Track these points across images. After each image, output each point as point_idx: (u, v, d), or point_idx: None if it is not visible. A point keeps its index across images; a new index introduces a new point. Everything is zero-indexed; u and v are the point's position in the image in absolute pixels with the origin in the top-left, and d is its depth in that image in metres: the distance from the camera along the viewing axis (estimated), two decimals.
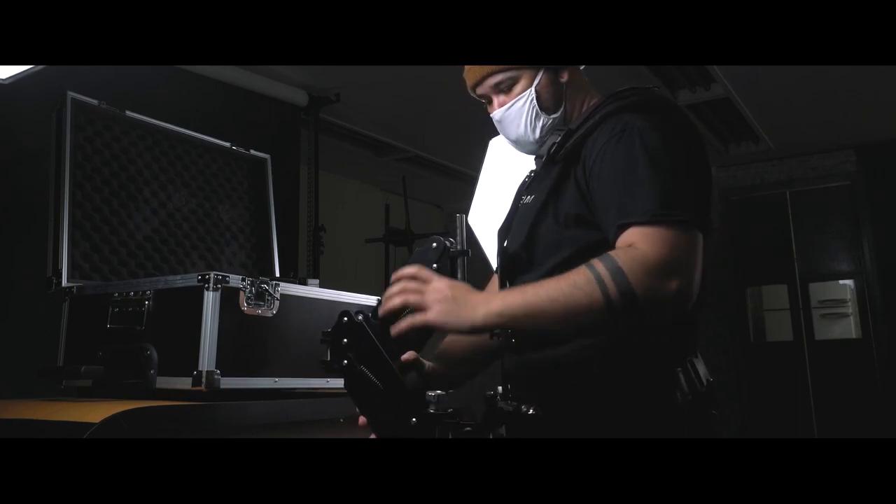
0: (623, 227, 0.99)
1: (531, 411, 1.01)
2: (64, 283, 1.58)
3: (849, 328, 4.99)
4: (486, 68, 1.22)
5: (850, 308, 4.99)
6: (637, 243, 0.97)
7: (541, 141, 1.23)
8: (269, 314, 1.43)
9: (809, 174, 5.20)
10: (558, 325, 0.99)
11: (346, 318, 1.08)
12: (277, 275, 2.14)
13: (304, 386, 1.52)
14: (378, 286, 3.92)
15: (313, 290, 1.56)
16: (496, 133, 1.37)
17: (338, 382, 1.58)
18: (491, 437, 1.03)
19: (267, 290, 1.42)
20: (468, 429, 1.02)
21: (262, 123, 3.28)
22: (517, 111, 1.21)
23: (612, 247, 1.00)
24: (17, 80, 1.63)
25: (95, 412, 1.11)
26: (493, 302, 1.00)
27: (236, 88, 3.28)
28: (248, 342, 1.39)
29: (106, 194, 1.77)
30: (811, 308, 5.08)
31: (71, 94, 1.71)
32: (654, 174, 1.01)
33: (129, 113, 1.86)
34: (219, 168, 2.11)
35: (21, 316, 2.19)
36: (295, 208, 3.55)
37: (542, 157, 1.26)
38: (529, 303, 0.98)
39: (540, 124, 1.21)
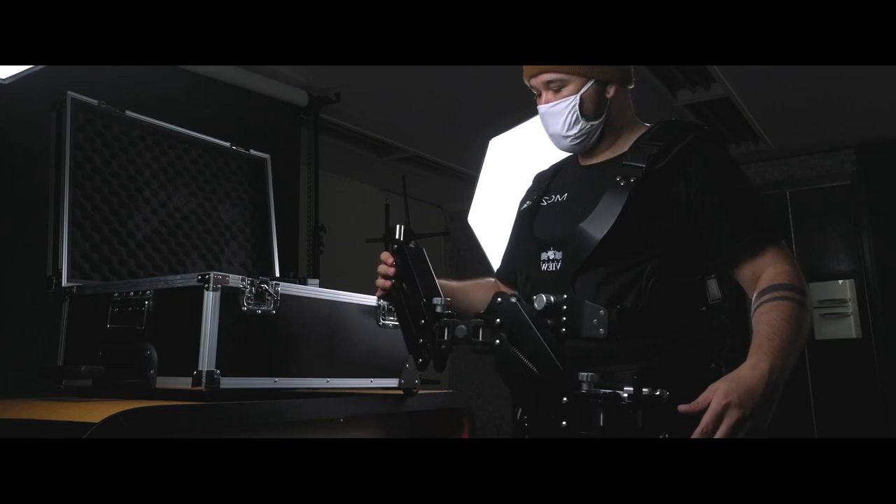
0: (759, 241, 1.25)
1: (657, 393, 1.07)
2: (64, 282, 1.58)
3: (849, 328, 4.98)
4: (545, 66, 1.34)
5: (850, 308, 4.99)
6: (780, 262, 1.25)
7: (574, 140, 1.37)
8: (269, 314, 1.43)
9: (809, 174, 5.19)
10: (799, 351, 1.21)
11: (499, 299, 1.13)
12: (277, 275, 2.13)
13: (304, 386, 1.52)
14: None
15: (313, 290, 1.56)
16: (496, 133, 1.42)
17: (338, 382, 1.58)
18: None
19: (267, 290, 1.42)
20: (620, 405, 1.05)
21: (262, 123, 3.28)
22: (560, 111, 1.34)
23: (726, 247, 1.26)
24: (17, 80, 1.63)
25: (95, 412, 1.11)
26: (770, 371, 1.16)
27: (236, 88, 3.28)
28: (248, 342, 1.39)
29: (106, 194, 1.77)
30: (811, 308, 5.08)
31: (71, 94, 1.71)
32: (757, 197, 1.29)
33: (128, 113, 1.86)
34: (219, 168, 2.11)
35: (21, 316, 2.19)
36: (295, 208, 3.55)
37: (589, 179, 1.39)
38: (789, 353, 1.19)
39: (577, 128, 1.35)
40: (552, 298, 1.17)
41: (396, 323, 1.71)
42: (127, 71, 2.35)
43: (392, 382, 1.68)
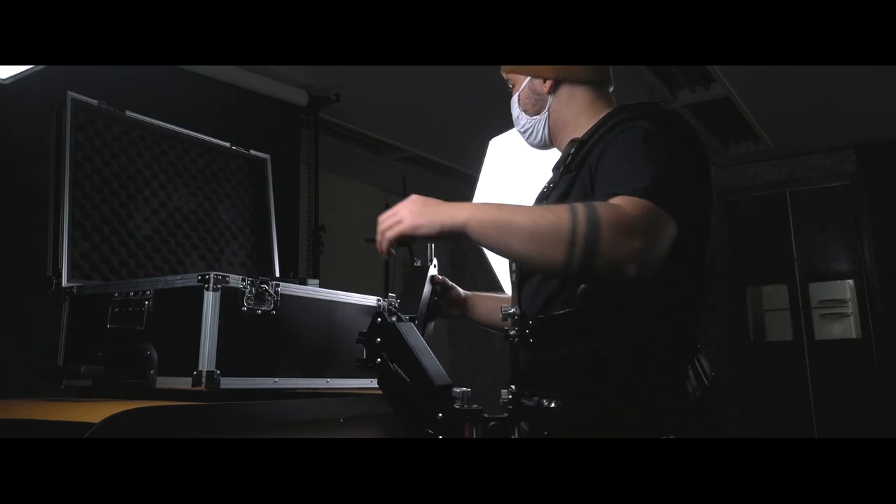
0: (611, 196, 1.03)
1: (553, 405, 1.05)
2: (64, 282, 1.58)
3: (849, 328, 4.99)
4: (502, 68, 1.41)
5: (850, 308, 4.99)
6: (618, 203, 1.01)
7: (525, 135, 1.40)
8: (269, 314, 1.43)
9: (809, 174, 5.20)
10: (520, 245, 1.00)
11: (379, 319, 1.15)
12: (277, 275, 2.13)
13: (304, 386, 1.52)
14: (378, 286, 3.92)
15: (313, 290, 1.56)
16: (496, 133, 1.44)
17: (338, 382, 1.59)
18: (515, 433, 1.07)
19: (267, 291, 1.42)
20: (493, 423, 1.05)
21: (262, 123, 3.28)
22: (512, 106, 1.40)
23: None
24: (17, 80, 1.63)
25: (95, 412, 1.11)
26: (463, 208, 1.05)
27: (236, 88, 3.28)
28: (248, 342, 1.39)
29: (106, 194, 1.77)
30: (811, 308, 5.08)
31: (71, 94, 1.71)
32: (650, 162, 1.05)
33: (128, 113, 1.86)
34: (219, 168, 2.11)
35: (21, 316, 2.19)
36: (295, 208, 3.55)
37: (558, 168, 1.33)
38: (502, 215, 1.02)
39: (521, 123, 1.39)
40: (508, 310, 1.14)
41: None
42: (127, 71, 2.35)
43: None
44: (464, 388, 1.08)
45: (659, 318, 1.12)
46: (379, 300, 1.70)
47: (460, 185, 4.99)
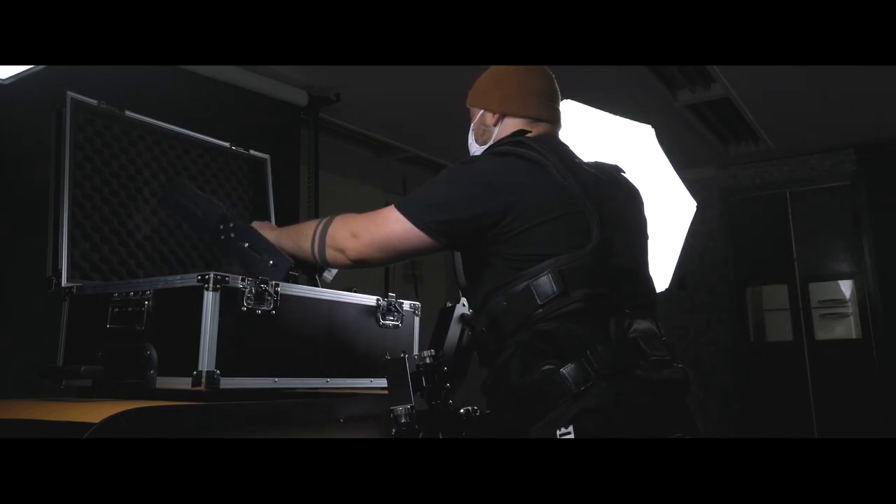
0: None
1: (467, 411, 1.26)
2: (64, 282, 1.58)
3: (849, 328, 4.99)
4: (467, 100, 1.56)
5: (850, 308, 4.99)
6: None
7: None
8: (269, 314, 1.43)
9: (809, 174, 5.20)
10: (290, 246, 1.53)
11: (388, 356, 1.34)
12: None
13: (304, 386, 1.52)
14: (378, 286, 3.92)
15: (313, 290, 1.56)
16: None
17: (338, 382, 1.58)
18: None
19: (267, 290, 1.42)
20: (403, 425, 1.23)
21: (262, 123, 3.28)
22: (468, 136, 1.55)
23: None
24: (17, 80, 1.63)
25: (95, 412, 1.11)
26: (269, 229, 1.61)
27: (236, 88, 3.28)
28: (248, 342, 1.39)
29: (106, 194, 1.77)
30: (811, 308, 5.08)
31: (71, 94, 1.71)
32: (427, 185, 1.37)
33: (128, 113, 1.86)
34: (219, 168, 2.11)
35: (21, 316, 2.19)
36: (295, 208, 3.55)
37: None
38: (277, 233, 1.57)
39: (472, 150, 1.52)
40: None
41: (397, 323, 1.72)
42: (127, 71, 2.34)
43: None
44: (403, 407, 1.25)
45: (526, 326, 1.23)
46: (379, 300, 1.70)
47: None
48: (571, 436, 1.08)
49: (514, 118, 1.46)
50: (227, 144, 2.13)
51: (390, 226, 1.35)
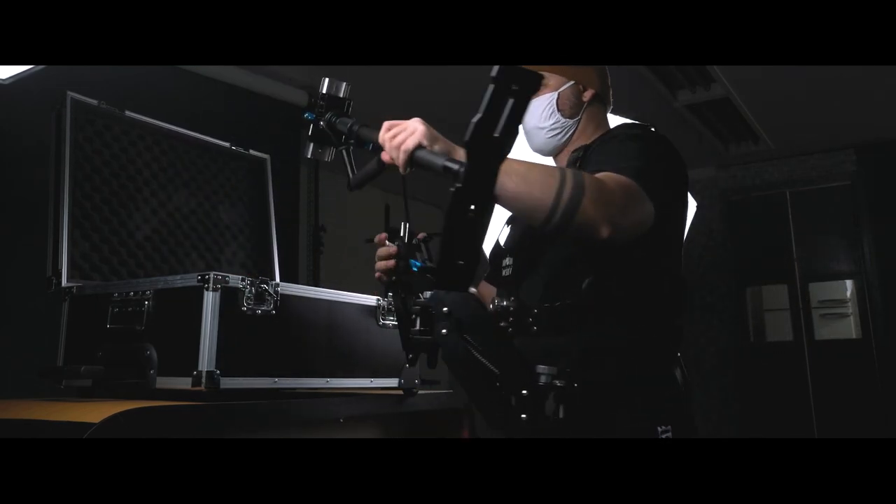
0: (597, 172, 1.10)
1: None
2: (64, 282, 1.58)
3: (849, 328, 4.99)
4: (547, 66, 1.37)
5: (850, 308, 4.99)
6: (602, 176, 1.08)
7: (549, 133, 1.39)
8: (269, 314, 1.43)
9: (809, 174, 5.20)
10: (513, 185, 1.01)
11: (444, 291, 1.03)
12: (278, 275, 2.13)
13: (304, 386, 1.52)
14: (378, 286, 3.91)
15: (313, 290, 1.56)
16: None
17: (338, 382, 1.58)
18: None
19: (267, 291, 1.42)
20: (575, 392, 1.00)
21: (262, 123, 3.28)
22: (539, 105, 1.38)
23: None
24: (17, 80, 1.63)
25: (95, 412, 1.11)
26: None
27: (236, 88, 3.28)
28: (248, 342, 1.39)
29: (106, 194, 1.77)
30: (811, 308, 5.08)
31: (71, 94, 1.71)
32: (636, 155, 1.15)
33: (128, 113, 1.86)
34: (219, 168, 2.11)
35: (21, 316, 2.19)
36: (295, 208, 3.55)
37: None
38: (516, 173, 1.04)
39: (552, 120, 1.38)
40: (502, 302, 1.21)
41: (396, 323, 1.71)
42: (127, 71, 2.34)
43: (392, 382, 1.68)
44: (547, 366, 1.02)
45: (650, 314, 1.21)
46: (379, 300, 1.70)
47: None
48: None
49: (600, 105, 1.42)
50: (227, 144, 2.13)
51: (646, 208, 1.10)
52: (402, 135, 1.13)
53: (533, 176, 1.02)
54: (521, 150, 1.50)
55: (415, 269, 1.21)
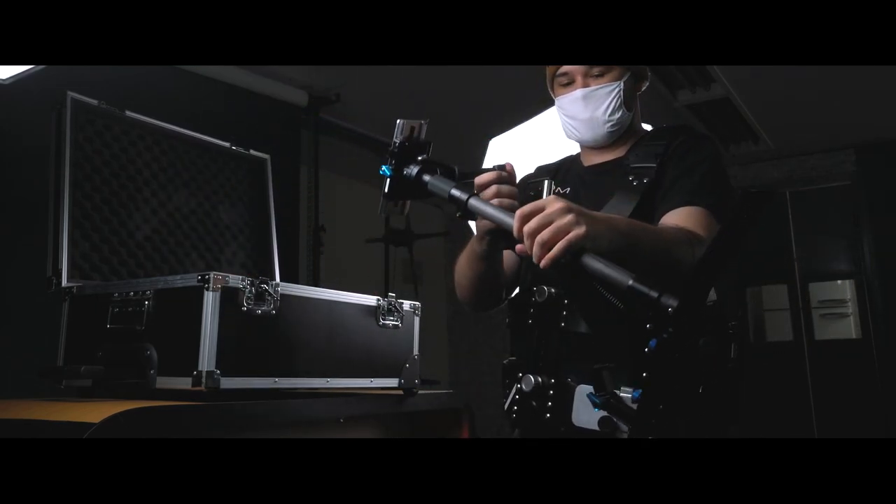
0: (685, 204, 1.22)
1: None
2: (64, 282, 1.58)
3: (849, 328, 4.99)
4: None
5: (850, 308, 4.99)
6: (691, 217, 1.21)
7: (612, 127, 1.38)
8: (269, 314, 1.43)
9: (809, 174, 5.20)
10: (654, 256, 1.10)
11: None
12: (278, 275, 2.13)
13: (304, 386, 1.52)
14: (378, 286, 3.91)
15: (313, 290, 1.56)
16: (496, 133, 1.43)
17: (338, 382, 1.58)
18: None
19: (267, 291, 1.42)
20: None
21: (262, 123, 3.28)
22: (604, 94, 1.35)
23: (659, 208, 1.25)
24: (17, 80, 1.63)
25: (95, 412, 1.11)
26: (614, 217, 1.12)
27: (236, 88, 3.28)
28: (248, 342, 1.39)
29: (106, 194, 1.77)
30: (811, 308, 5.08)
31: (71, 94, 1.71)
32: (718, 182, 1.28)
33: (128, 113, 1.86)
34: (219, 168, 2.10)
35: (21, 316, 2.19)
36: (295, 208, 3.55)
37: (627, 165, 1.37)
38: (635, 227, 1.12)
39: (619, 114, 1.36)
40: (553, 290, 1.17)
41: (396, 323, 1.71)
42: (127, 71, 2.34)
43: (392, 382, 1.68)
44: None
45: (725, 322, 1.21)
46: (379, 300, 1.70)
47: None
48: None
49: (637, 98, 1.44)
50: (227, 144, 2.13)
51: None
52: (548, 233, 0.97)
53: (666, 239, 1.17)
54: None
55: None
